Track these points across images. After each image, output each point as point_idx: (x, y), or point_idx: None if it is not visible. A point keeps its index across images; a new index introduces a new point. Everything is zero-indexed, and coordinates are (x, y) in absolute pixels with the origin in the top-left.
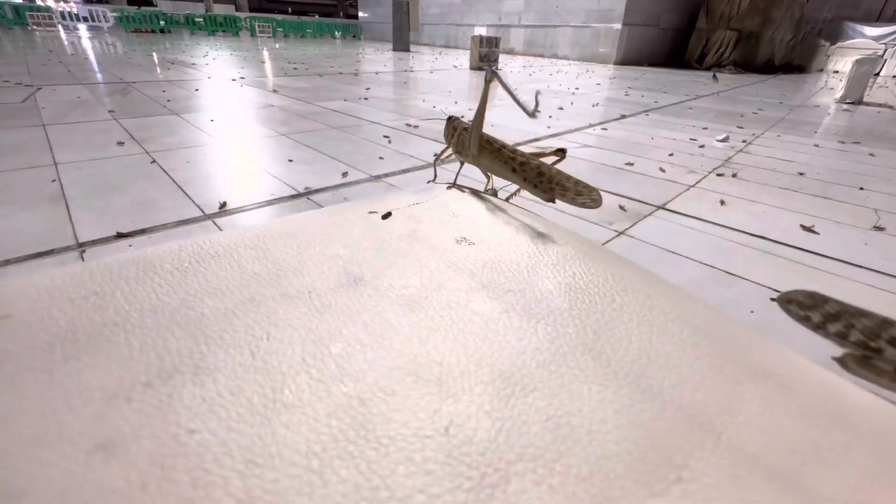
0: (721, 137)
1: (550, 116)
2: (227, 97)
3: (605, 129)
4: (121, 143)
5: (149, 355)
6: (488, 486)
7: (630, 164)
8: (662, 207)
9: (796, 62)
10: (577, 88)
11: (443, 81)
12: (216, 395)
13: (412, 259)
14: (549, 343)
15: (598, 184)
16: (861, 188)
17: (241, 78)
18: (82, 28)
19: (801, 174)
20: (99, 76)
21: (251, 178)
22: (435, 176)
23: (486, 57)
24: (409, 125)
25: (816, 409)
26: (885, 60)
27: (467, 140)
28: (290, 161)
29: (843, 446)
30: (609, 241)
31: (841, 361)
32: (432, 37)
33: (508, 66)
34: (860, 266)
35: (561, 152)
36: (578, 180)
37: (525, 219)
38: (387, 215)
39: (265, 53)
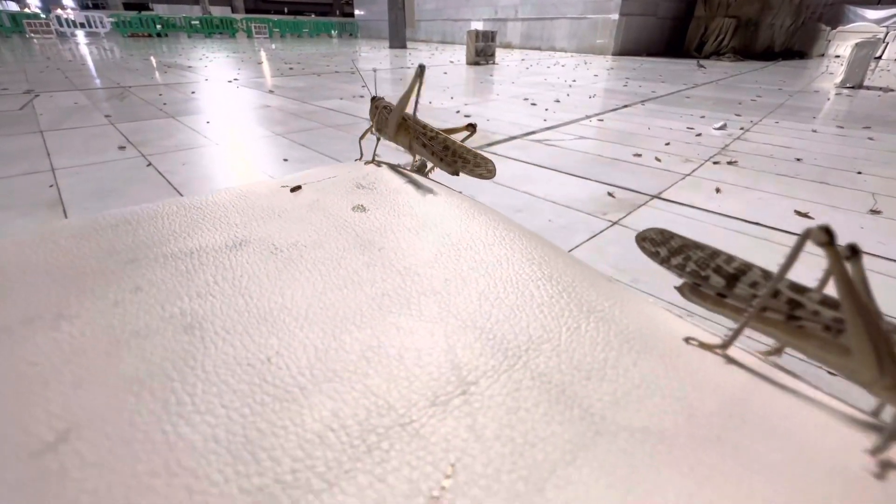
0: (718, 125)
1: (547, 109)
2: (224, 99)
3: (602, 121)
4: (122, 148)
5: (15, 302)
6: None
7: (626, 154)
8: (657, 197)
9: (797, 48)
10: (574, 81)
11: (440, 77)
12: (68, 335)
13: (302, 224)
14: (398, 290)
15: (593, 174)
16: (859, 172)
17: (236, 79)
18: (80, 34)
19: (798, 160)
20: (96, 82)
21: (246, 179)
22: (361, 154)
23: (482, 51)
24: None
25: (622, 337)
26: (887, 44)
27: (387, 118)
28: (286, 160)
29: (627, 364)
30: (602, 231)
31: (679, 290)
32: (429, 33)
33: (506, 59)
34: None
35: (471, 127)
36: (478, 153)
37: (428, 189)
38: (296, 188)
39: (262, 54)
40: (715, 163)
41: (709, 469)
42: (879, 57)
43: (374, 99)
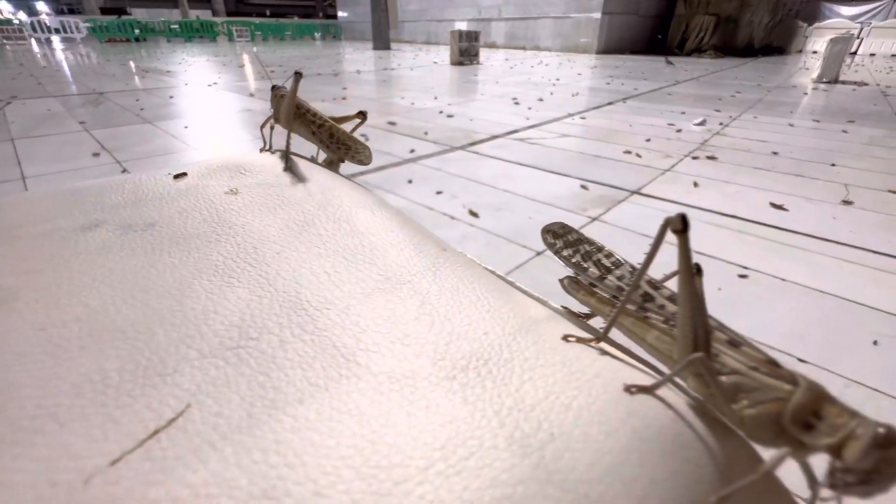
0: (698, 121)
1: (530, 108)
2: (203, 103)
3: (584, 118)
4: (96, 155)
5: None
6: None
7: (607, 151)
8: (637, 192)
9: (775, 44)
10: (557, 79)
11: (423, 78)
12: None
13: (172, 208)
14: (231, 260)
15: (575, 171)
16: (833, 164)
17: (216, 83)
18: (55, 40)
19: (775, 153)
20: (71, 88)
21: None
22: (265, 143)
23: (466, 52)
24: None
25: (478, 327)
26: (861, 39)
27: (282, 107)
28: None
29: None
30: (582, 227)
31: (561, 282)
32: (413, 33)
33: (490, 59)
34: (827, 239)
35: (361, 115)
36: (359, 140)
37: (310, 174)
38: (180, 175)
39: (243, 57)
40: (694, 158)
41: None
42: (854, 52)
43: (274, 88)
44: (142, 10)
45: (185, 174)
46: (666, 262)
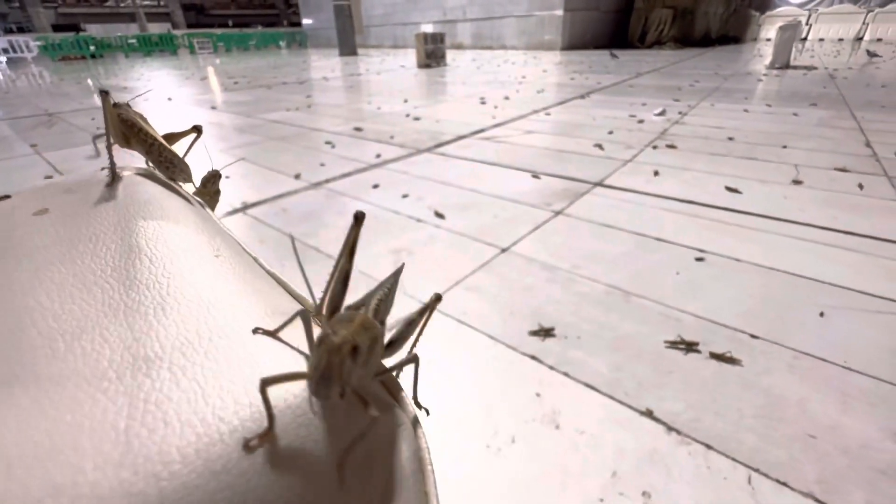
0: (658, 112)
1: (496, 107)
2: (161, 119)
3: (549, 115)
4: (48, 178)
5: None
6: None
7: (571, 145)
8: (600, 184)
9: (731, 34)
10: (524, 77)
11: (390, 82)
12: None
13: None
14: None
15: (539, 166)
16: (784, 146)
17: (170, 99)
18: (2, 60)
19: (730, 139)
20: (21, 110)
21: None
22: (97, 153)
23: (432, 54)
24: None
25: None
26: (810, 26)
27: (117, 122)
28: (227, 178)
29: None
30: (546, 221)
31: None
32: (380, 38)
33: (457, 60)
34: (778, 219)
35: (196, 129)
36: (182, 159)
37: (131, 192)
38: (3, 198)
39: (206, 70)
40: (654, 147)
41: None
42: (805, 38)
43: (103, 93)
44: (97, 27)
45: (7, 196)
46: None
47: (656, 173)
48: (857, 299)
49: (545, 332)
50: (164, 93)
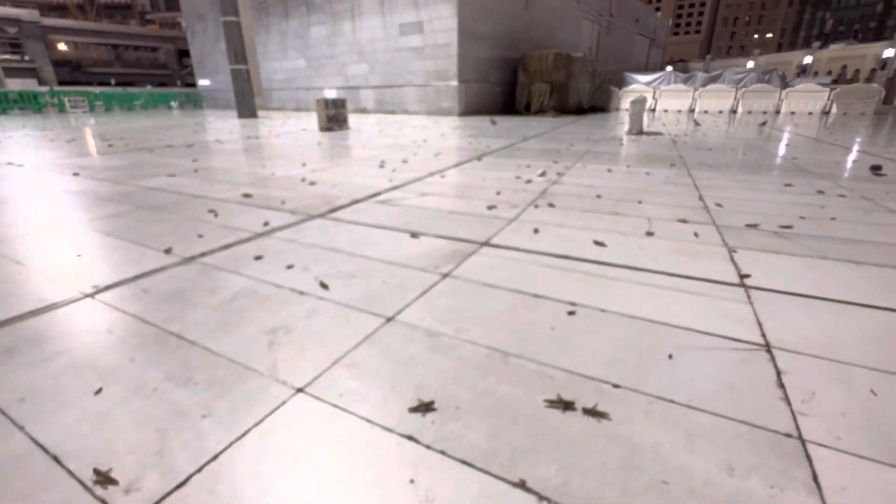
0: (540, 173)
1: (394, 170)
2: (6, 189)
3: (444, 177)
4: None
5: None
6: None
7: (462, 206)
8: (486, 243)
9: (599, 104)
10: (424, 141)
11: (289, 146)
12: None
13: None
14: None
15: (431, 228)
16: (640, 202)
17: (20, 165)
18: None
19: (598, 196)
20: None
21: (18, 287)
22: None
23: (334, 118)
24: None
25: None
26: (656, 100)
27: None
28: (79, 256)
29: None
30: (434, 285)
31: None
32: (283, 101)
33: (360, 124)
34: (636, 268)
35: None
36: None
37: None
38: None
39: (77, 131)
40: (536, 206)
41: None
42: (654, 109)
43: None
44: None
45: None
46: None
47: (536, 231)
48: (698, 339)
49: (425, 407)
50: (13, 156)
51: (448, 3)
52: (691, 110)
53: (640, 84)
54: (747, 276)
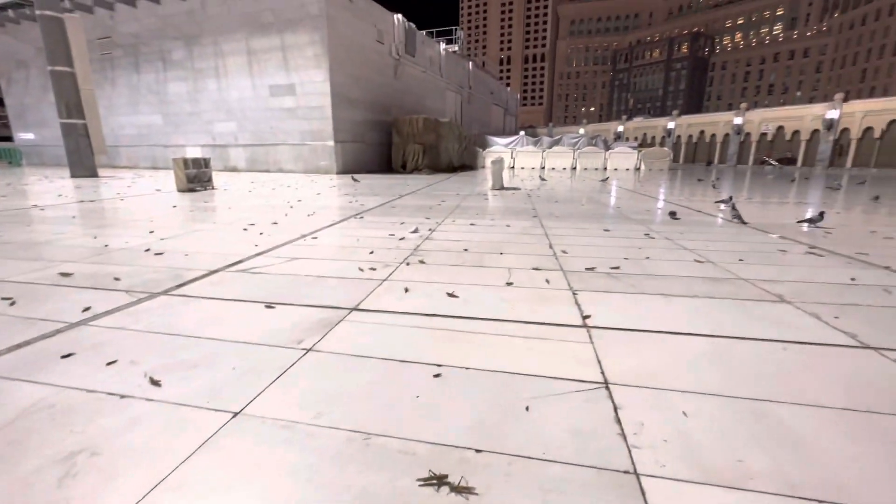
0: (413, 230)
1: (262, 233)
2: None
3: (316, 238)
4: None
5: None
6: None
7: (333, 269)
8: (356, 308)
9: (467, 163)
10: (298, 200)
11: (135, 210)
12: None
13: None
14: None
15: (296, 297)
16: (501, 253)
17: None
18: None
19: (465, 250)
20: None
21: None
22: None
23: (196, 178)
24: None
25: None
26: (514, 158)
27: None
28: None
29: None
30: (295, 362)
31: None
32: (134, 159)
33: (229, 183)
34: (498, 319)
35: None
36: None
37: None
38: None
39: None
40: (408, 264)
41: None
42: (513, 167)
43: None
44: None
45: None
46: None
47: (407, 290)
48: (550, 386)
49: None
50: None
51: (320, 69)
52: (542, 167)
53: (499, 146)
54: (588, 316)
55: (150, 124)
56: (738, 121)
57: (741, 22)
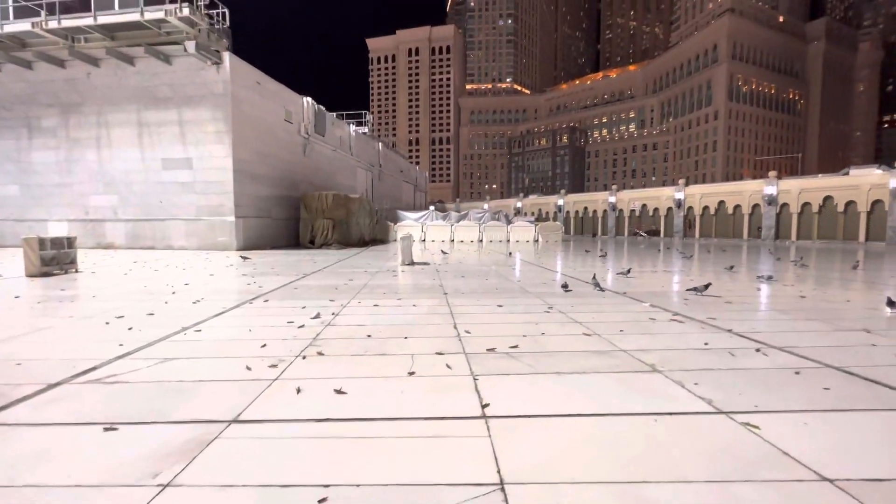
0: (314, 316)
1: (131, 328)
2: None
3: (200, 331)
4: None
5: None
6: None
7: (211, 371)
8: (235, 420)
9: (379, 237)
10: (186, 284)
11: None
12: None
13: None
14: None
15: (165, 412)
16: (405, 337)
17: None
18: None
19: (369, 336)
20: None
21: None
22: None
23: (55, 259)
24: None
25: None
26: (425, 232)
27: None
28: None
29: None
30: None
31: None
32: None
33: (105, 262)
34: (396, 418)
35: None
36: None
37: None
38: None
39: None
40: (304, 357)
41: None
42: (424, 240)
43: None
44: None
45: None
46: None
47: (299, 390)
48: (445, 495)
49: None
50: None
51: (222, 145)
52: (451, 240)
53: (410, 220)
54: (487, 405)
55: (4, 196)
56: (612, 199)
57: (605, 120)
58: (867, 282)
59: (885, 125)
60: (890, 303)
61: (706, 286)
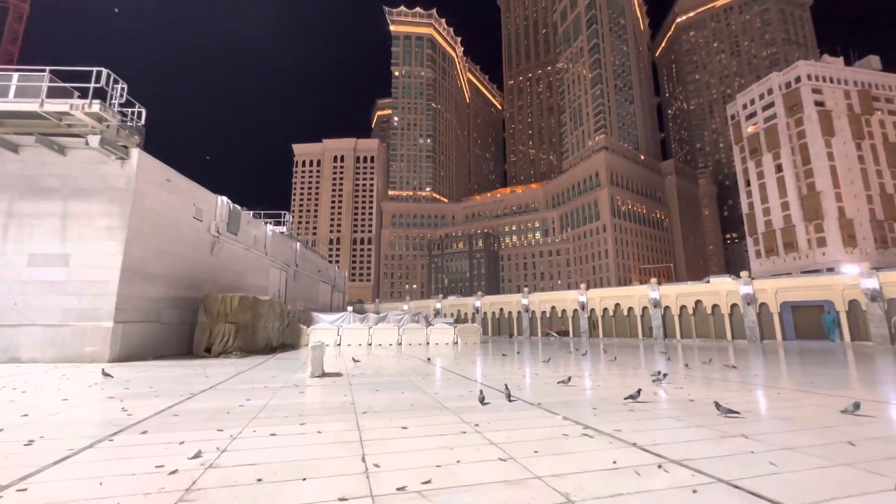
0: (193, 455)
1: None
2: None
3: (25, 490)
4: None
5: None
6: None
7: None
8: None
9: (289, 342)
10: (23, 415)
11: None
12: None
13: None
14: None
15: None
16: (304, 479)
17: None
18: None
19: (259, 480)
20: None
21: None
22: None
23: None
24: None
25: None
26: (340, 336)
27: None
28: None
29: None
30: None
31: None
32: None
33: None
34: None
35: None
36: None
37: None
38: None
39: None
40: None
41: None
42: (339, 344)
43: None
44: None
45: None
46: None
47: None
48: None
49: None
50: None
51: (112, 241)
52: (369, 343)
53: (325, 323)
54: None
55: None
56: (524, 301)
57: (515, 228)
58: (741, 381)
59: (728, 241)
60: (717, 405)
61: (638, 392)
